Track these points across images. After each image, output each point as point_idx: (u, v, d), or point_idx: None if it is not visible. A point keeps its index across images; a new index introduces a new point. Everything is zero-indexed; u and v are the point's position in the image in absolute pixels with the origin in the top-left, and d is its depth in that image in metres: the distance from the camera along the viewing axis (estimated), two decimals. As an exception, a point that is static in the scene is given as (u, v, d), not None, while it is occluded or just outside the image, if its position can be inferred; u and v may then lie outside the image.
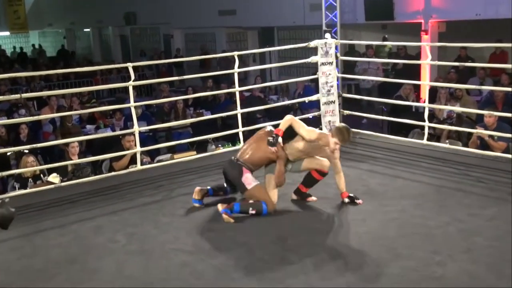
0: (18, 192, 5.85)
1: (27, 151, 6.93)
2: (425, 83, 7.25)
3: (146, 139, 8.57)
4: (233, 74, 6.76)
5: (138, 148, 6.21)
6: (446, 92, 8.82)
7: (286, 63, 8.86)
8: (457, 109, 7.71)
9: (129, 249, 4.38)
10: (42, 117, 8.72)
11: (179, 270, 3.96)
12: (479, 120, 6.92)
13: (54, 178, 6.27)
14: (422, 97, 10.36)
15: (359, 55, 13.61)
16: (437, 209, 4.85)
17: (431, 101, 7.06)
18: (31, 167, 6.45)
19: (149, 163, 6.74)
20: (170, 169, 6.32)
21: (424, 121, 6.61)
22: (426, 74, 11.24)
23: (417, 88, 10.57)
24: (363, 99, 8.87)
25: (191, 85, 12.92)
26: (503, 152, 6.24)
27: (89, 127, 10.14)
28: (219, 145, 7.59)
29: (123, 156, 6.62)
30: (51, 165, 6.52)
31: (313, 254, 4.11)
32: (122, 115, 10.05)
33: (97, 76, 16.46)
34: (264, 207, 4.81)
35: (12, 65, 19.86)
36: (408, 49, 12.92)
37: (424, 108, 6.80)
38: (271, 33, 17.12)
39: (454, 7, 11.61)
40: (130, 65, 6.03)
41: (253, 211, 4.81)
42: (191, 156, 6.76)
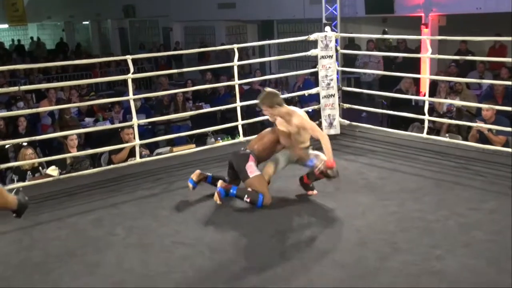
0: (16, 184, 5.83)
1: (25, 144, 6.91)
2: (425, 76, 7.22)
3: (145, 132, 8.56)
4: (232, 67, 6.74)
5: (137, 141, 6.20)
6: (446, 85, 8.80)
7: (286, 56, 8.83)
8: (457, 102, 7.69)
9: (129, 242, 4.37)
10: (40, 109, 8.69)
11: (179, 263, 3.95)
12: (479, 114, 6.90)
13: (52, 170, 6.26)
14: (422, 90, 10.34)
15: (359, 49, 13.58)
16: (436, 203, 4.85)
17: (431, 95, 7.04)
18: (29, 160, 6.44)
19: (148, 156, 6.73)
20: (169, 162, 6.31)
21: (424, 114, 6.60)
22: (426, 67, 11.22)
23: (417, 81, 10.55)
24: (363, 92, 8.85)
25: (190, 78, 12.89)
26: (502, 146, 6.24)
27: (88, 120, 10.12)
28: (219, 138, 7.58)
29: (122, 149, 6.61)
30: (49, 158, 6.51)
31: (312, 247, 4.10)
32: (121, 108, 10.04)
33: (96, 69, 16.42)
34: (260, 199, 4.81)
35: (10, 56, 19.81)
36: (408, 42, 12.89)
37: (424, 101, 6.79)
38: (271, 27, 17.08)
39: (454, 1, 11.58)
40: (129, 57, 6.01)
41: (248, 199, 4.82)
42: (190, 149, 6.75)
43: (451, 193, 5.06)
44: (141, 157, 6.29)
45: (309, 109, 7.80)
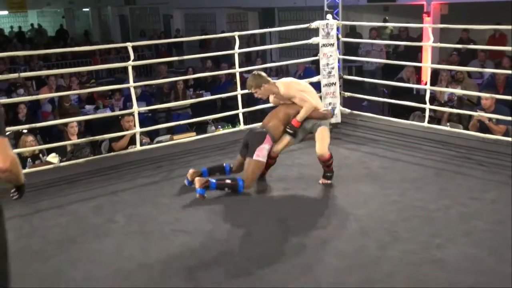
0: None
1: (25, 131, 6.89)
2: (427, 65, 7.17)
3: (145, 119, 8.53)
4: (233, 55, 6.71)
5: (137, 128, 6.18)
6: (447, 74, 8.76)
7: (286, 44, 8.77)
8: (458, 91, 7.66)
9: (129, 229, 4.37)
10: (40, 96, 8.66)
11: (179, 251, 3.95)
12: (480, 103, 6.87)
13: (53, 158, 6.25)
14: (423, 79, 10.30)
15: (361, 37, 13.49)
16: (437, 192, 4.84)
17: (432, 84, 7.00)
18: (30, 147, 6.41)
19: (149, 143, 6.71)
20: (169, 150, 6.30)
21: (425, 103, 6.58)
22: (427, 56, 11.12)
23: (418, 70, 10.50)
24: (364, 81, 8.81)
25: (191, 66, 12.83)
26: (503, 135, 6.21)
27: (88, 107, 10.08)
28: (219, 127, 7.55)
29: (122, 136, 6.59)
30: (50, 145, 6.50)
31: (313, 236, 4.10)
32: (121, 95, 9.99)
33: (96, 56, 16.36)
34: (240, 184, 4.86)
35: (10, 43, 19.73)
36: (409, 31, 12.81)
37: (425, 90, 6.76)
38: (272, 14, 16.99)
39: (457, -11, 11.52)
40: (129, 44, 5.98)
41: (229, 190, 4.90)
42: (191, 137, 6.74)
43: (452, 183, 5.06)
44: (141, 144, 6.27)
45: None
